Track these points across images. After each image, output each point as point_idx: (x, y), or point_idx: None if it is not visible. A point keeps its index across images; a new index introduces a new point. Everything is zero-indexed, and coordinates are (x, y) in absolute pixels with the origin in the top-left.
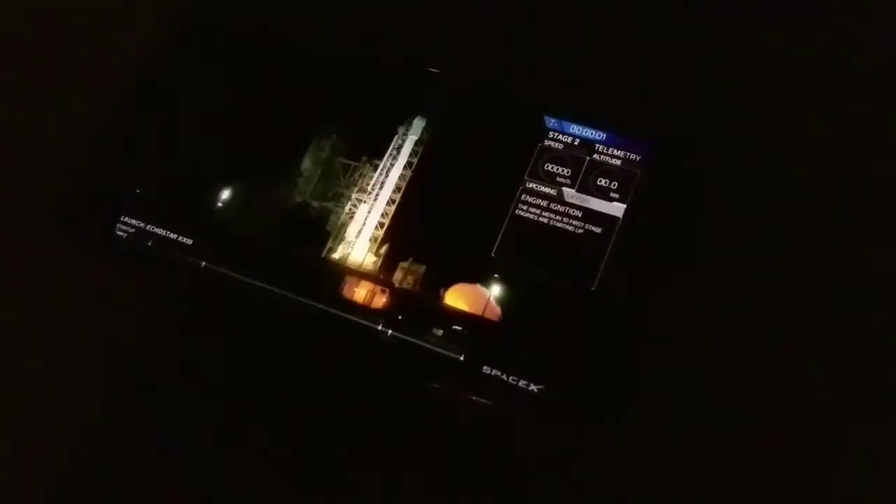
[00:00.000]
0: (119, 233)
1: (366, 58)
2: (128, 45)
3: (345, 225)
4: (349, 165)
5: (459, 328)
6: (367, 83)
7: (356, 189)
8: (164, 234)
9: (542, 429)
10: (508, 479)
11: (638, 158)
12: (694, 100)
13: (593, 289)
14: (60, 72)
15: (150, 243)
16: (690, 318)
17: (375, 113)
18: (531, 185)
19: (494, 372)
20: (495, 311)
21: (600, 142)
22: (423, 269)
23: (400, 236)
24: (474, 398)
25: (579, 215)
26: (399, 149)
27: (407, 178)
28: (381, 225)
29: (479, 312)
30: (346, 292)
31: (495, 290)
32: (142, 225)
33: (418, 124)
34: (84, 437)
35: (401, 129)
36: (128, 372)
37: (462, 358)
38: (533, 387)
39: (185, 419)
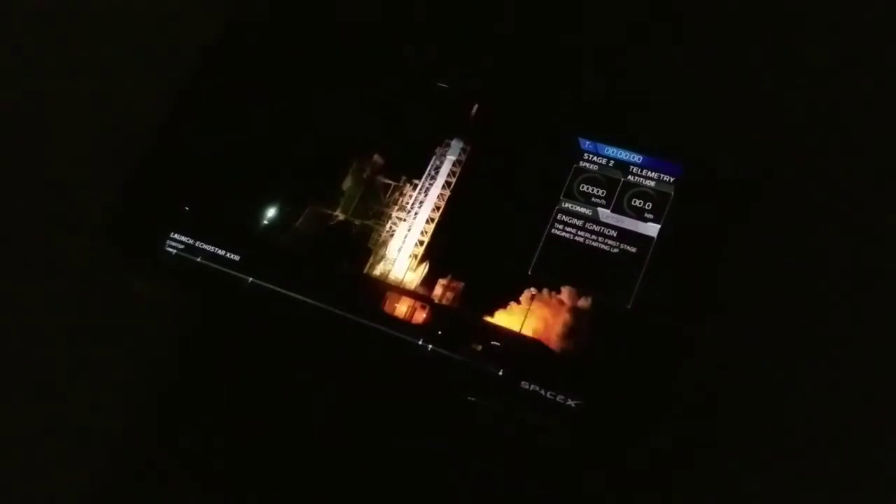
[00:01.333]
0: (168, 248)
1: (405, 79)
2: (176, 64)
3: (385, 242)
4: (389, 185)
5: (498, 344)
6: (406, 104)
7: (396, 208)
8: (212, 250)
9: (580, 444)
10: (546, 494)
11: (671, 180)
12: (728, 121)
13: (629, 307)
14: (108, 89)
15: (198, 259)
16: (726, 335)
17: (415, 133)
18: (567, 205)
19: (533, 387)
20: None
21: (634, 163)
22: (461, 285)
23: (439, 254)
24: (513, 413)
25: (614, 235)
26: (437, 169)
27: (446, 198)
28: (421, 243)
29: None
30: (387, 308)
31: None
32: (190, 241)
33: (456, 145)
34: (124, 447)
35: (438, 150)
36: (172, 384)
37: (501, 373)
38: (571, 402)
39: (227, 429)
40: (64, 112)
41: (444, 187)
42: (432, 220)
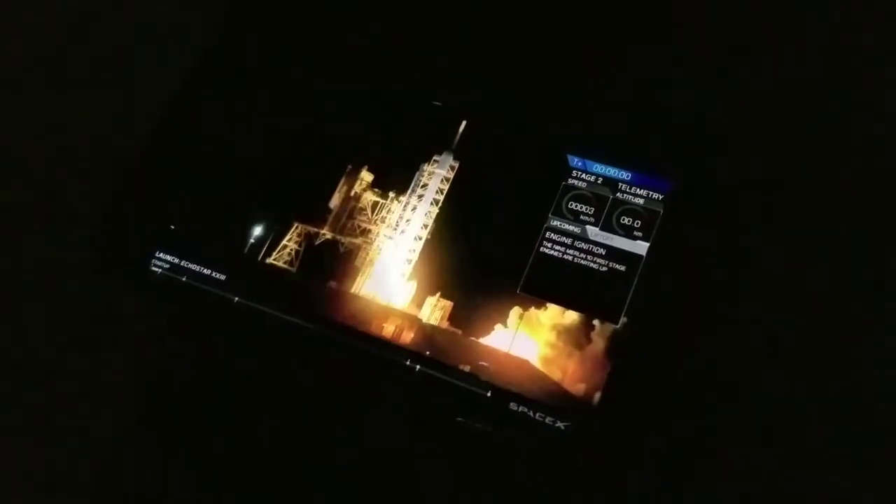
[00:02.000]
0: (154, 268)
1: (393, 98)
2: (163, 84)
3: (373, 261)
4: (377, 202)
5: (486, 364)
6: (394, 122)
7: (384, 225)
8: (197, 269)
9: (569, 465)
10: None
11: (661, 197)
12: (716, 138)
13: (618, 326)
14: (94, 110)
15: (184, 278)
16: (715, 354)
17: (403, 151)
18: (555, 222)
19: (521, 408)
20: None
21: (623, 181)
22: (450, 304)
23: (427, 272)
24: (501, 434)
25: (603, 253)
26: (424, 186)
27: (433, 215)
28: (409, 261)
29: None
30: (374, 328)
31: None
32: (176, 260)
33: (444, 162)
34: (113, 464)
35: (425, 167)
36: (159, 402)
37: (489, 394)
38: (560, 424)
39: (214, 449)
40: (53, 129)
41: (431, 204)
42: (420, 238)
